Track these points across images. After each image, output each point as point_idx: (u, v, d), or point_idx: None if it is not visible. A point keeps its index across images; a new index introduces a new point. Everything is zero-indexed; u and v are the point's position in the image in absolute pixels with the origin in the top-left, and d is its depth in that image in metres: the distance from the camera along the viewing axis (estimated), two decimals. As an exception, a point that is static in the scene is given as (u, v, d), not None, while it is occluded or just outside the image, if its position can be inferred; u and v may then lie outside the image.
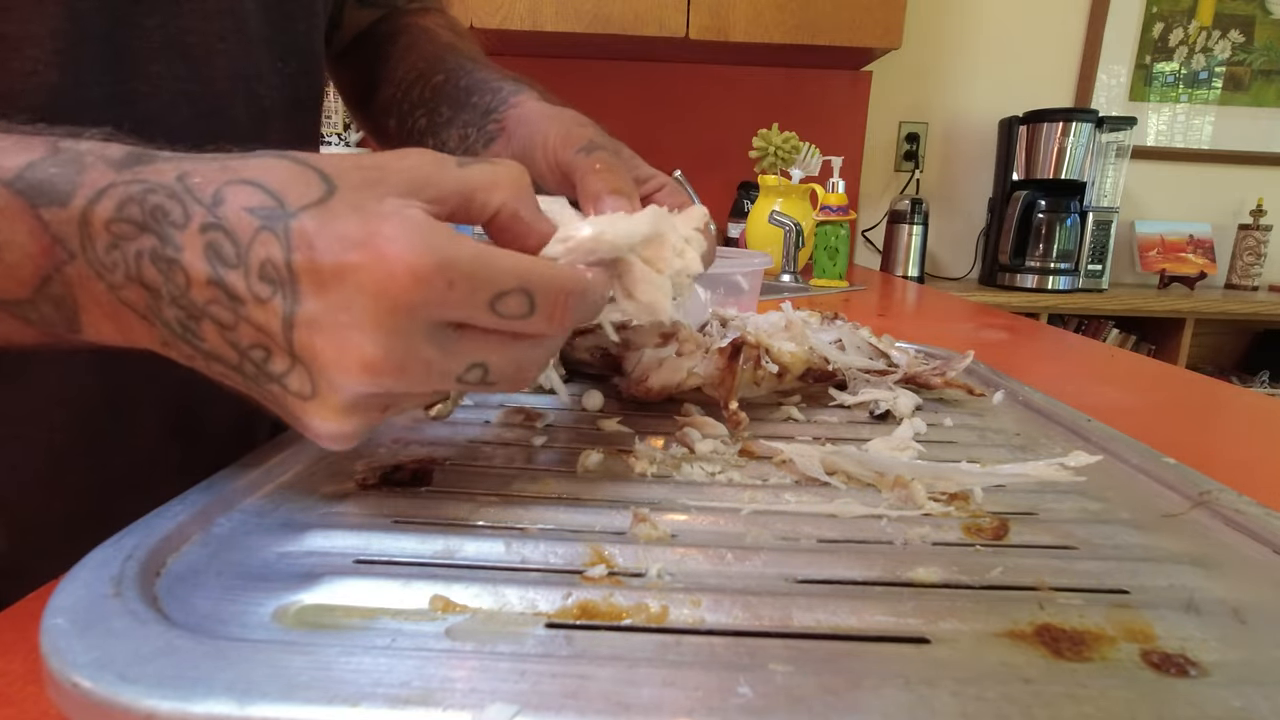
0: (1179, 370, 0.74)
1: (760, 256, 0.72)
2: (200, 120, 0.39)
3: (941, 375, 0.47)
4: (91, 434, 0.39)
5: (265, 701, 0.17)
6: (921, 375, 0.47)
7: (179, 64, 0.38)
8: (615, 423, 0.38)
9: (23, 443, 0.38)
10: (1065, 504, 0.30)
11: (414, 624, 0.20)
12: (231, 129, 0.41)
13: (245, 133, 0.42)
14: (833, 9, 1.66)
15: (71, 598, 0.20)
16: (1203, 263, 2.14)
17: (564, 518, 0.28)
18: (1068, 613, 0.22)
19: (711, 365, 0.39)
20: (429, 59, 0.52)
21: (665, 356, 0.41)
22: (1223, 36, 2.11)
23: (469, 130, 0.45)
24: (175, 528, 0.24)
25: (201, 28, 0.39)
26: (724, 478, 0.32)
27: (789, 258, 1.35)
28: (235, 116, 0.41)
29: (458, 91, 0.47)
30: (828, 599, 0.22)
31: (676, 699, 0.17)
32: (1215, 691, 0.18)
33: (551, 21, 1.64)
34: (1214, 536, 0.28)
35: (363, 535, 0.25)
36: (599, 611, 0.21)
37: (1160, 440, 0.37)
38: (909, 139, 2.17)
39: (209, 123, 0.39)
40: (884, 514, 0.28)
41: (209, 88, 0.40)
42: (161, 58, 0.37)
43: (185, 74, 0.38)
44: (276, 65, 0.44)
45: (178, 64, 0.38)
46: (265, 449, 0.32)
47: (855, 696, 0.18)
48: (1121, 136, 1.90)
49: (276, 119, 0.45)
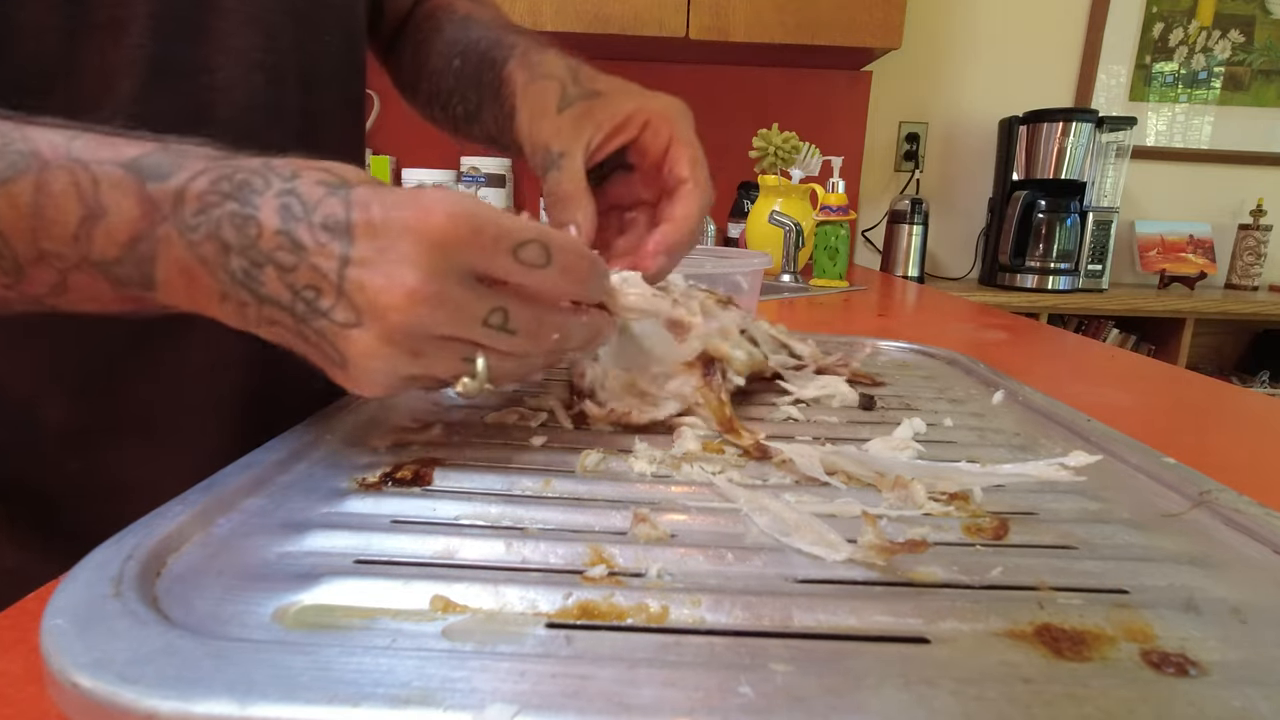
0: (1179, 370, 0.74)
1: (760, 256, 0.72)
2: (268, 87, 0.44)
3: (845, 365, 0.49)
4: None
5: (266, 702, 0.17)
6: (829, 367, 0.48)
7: (256, 37, 0.43)
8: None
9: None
10: (1065, 504, 0.30)
11: (414, 624, 0.20)
12: (290, 94, 0.45)
13: (298, 98, 0.46)
14: (833, 9, 1.66)
15: (71, 598, 0.20)
16: (1203, 263, 2.14)
17: (564, 518, 0.28)
18: (1068, 612, 0.22)
19: (686, 386, 0.38)
20: (449, 42, 0.53)
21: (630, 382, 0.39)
22: (1223, 36, 2.11)
23: (495, 112, 0.47)
24: (175, 528, 0.24)
25: (273, 5, 0.44)
26: (724, 478, 0.32)
27: (789, 258, 1.35)
28: (292, 83, 0.45)
29: (473, 72, 0.49)
30: (828, 599, 0.22)
31: (677, 699, 0.17)
32: (1215, 691, 0.18)
33: (551, 21, 1.64)
34: (1214, 536, 0.28)
35: (363, 535, 0.25)
36: (599, 611, 0.21)
37: (1160, 440, 0.37)
38: (909, 139, 2.17)
39: (274, 89, 0.44)
40: (884, 514, 0.28)
41: (275, 57, 0.44)
42: (240, 32, 0.42)
43: (260, 45, 0.43)
44: (323, 38, 0.48)
45: (255, 37, 0.43)
46: (266, 448, 0.32)
47: (856, 696, 0.18)
48: (1121, 136, 1.90)
49: (321, 86, 0.48)
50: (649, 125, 0.41)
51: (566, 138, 0.40)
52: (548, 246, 0.28)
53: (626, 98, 0.41)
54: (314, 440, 0.34)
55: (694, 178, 0.41)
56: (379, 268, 0.26)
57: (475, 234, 0.26)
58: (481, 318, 0.28)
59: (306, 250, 0.26)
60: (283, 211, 0.27)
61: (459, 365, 0.29)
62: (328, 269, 0.26)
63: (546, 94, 0.41)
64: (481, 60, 0.48)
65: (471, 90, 0.50)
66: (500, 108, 0.45)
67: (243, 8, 0.42)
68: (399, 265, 0.26)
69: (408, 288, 0.26)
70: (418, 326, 0.27)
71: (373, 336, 0.27)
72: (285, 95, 0.45)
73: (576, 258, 0.29)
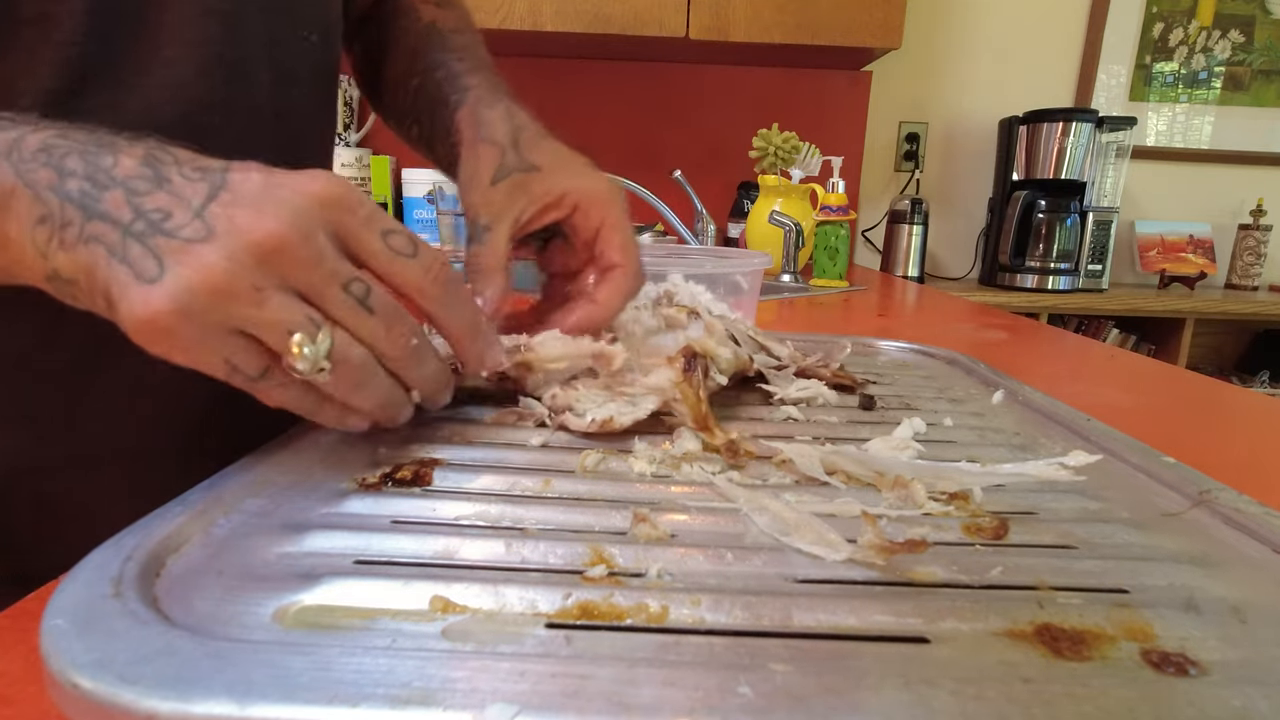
0: (1179, 370, 0.74)
1: (760, 256, 0.72)
2: (230, 84, 0.41)
3: (826, 367, 0.48)
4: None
5: (265, 702, 0.17)
6: (810, 369, 0.48)
7: (214, 29, 0.40)
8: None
9: None
10: (1065, 503, 0.30)
11: (414, 624, 0.20)
12: (257, 92, 0.43)
13: (268, 96, 0.44)
14: (833, 9, 1.66)
15: (71, 598, 0.20)
16: (1203, 263, 2.14)
17: (564, 518, 0.28)
18: (1068, 612, 0.22)
19: (663, 380, 0.37)
20: (410, 54, 0.53)
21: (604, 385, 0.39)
22: (1223, 36, 2.11)
23: (445, 152, 0.47)
24: (175, 528, 0.24)
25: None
26: (724, 478, 0.32)
27: (789, 258, 1.35)
28: (260, 81, 0.43)
29: (429, 101, 0.49)
30: (828, 599, 0.22)
31: (677, 699, 0.17)
32: (1215, 691, 0.18)
33: (551, 21, 1.64)
34: (1214, 536, 0.28)
35: (363, 535, 0.25)
36: (599, 611, 0.21)
37: (1160, 440, 0.37)
38: (909, 139, 2.17)
39: (238, 86, 0.42)
40: (884, 514, 0.28)
41: (240, 52, 0.42)
42: (196, 24, 0.39)
43: (219, 38, 0.40)
44: (300, 34, 0.47)
45: (213, 29, 0.40)
46: (265, 449, 0.32)
47: (855, 696, 0.18)
48: (1121, 136, 1.90)
49: (297, 85, 0.47)
50: (579, 208, 0.41)
51: (496, 209, 0.40)
52: (416, 244, 0.28)
53: (563, 176, 0.41)
54: (313, 440, 0.34)
55: (624, 263, 0.41)
56: (249, 205, 0.25)
57: (351, 202, 0.27)
58: (344, 279, 0.26)
59: (171, 183, 0.25)
60: (148, 156, 0.26)
61: (303, 322, 0.26)
62: (190, 197, 0.25)
63: (483, 161, 0.41)
64: (436, 95, 0.48)
65: (426, 120, 0.49)
66: (449, 151, 0.45)
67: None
68: (271, 205, 0.25)
69: (278, 219, 0.25)
70: (275, 259, 0.25)
71: (221, 252, 0.24)
72: (253, 93, 0.43)
73: (440, 262, 0.29)
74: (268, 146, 0.44)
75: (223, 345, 0.26)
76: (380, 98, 0.57)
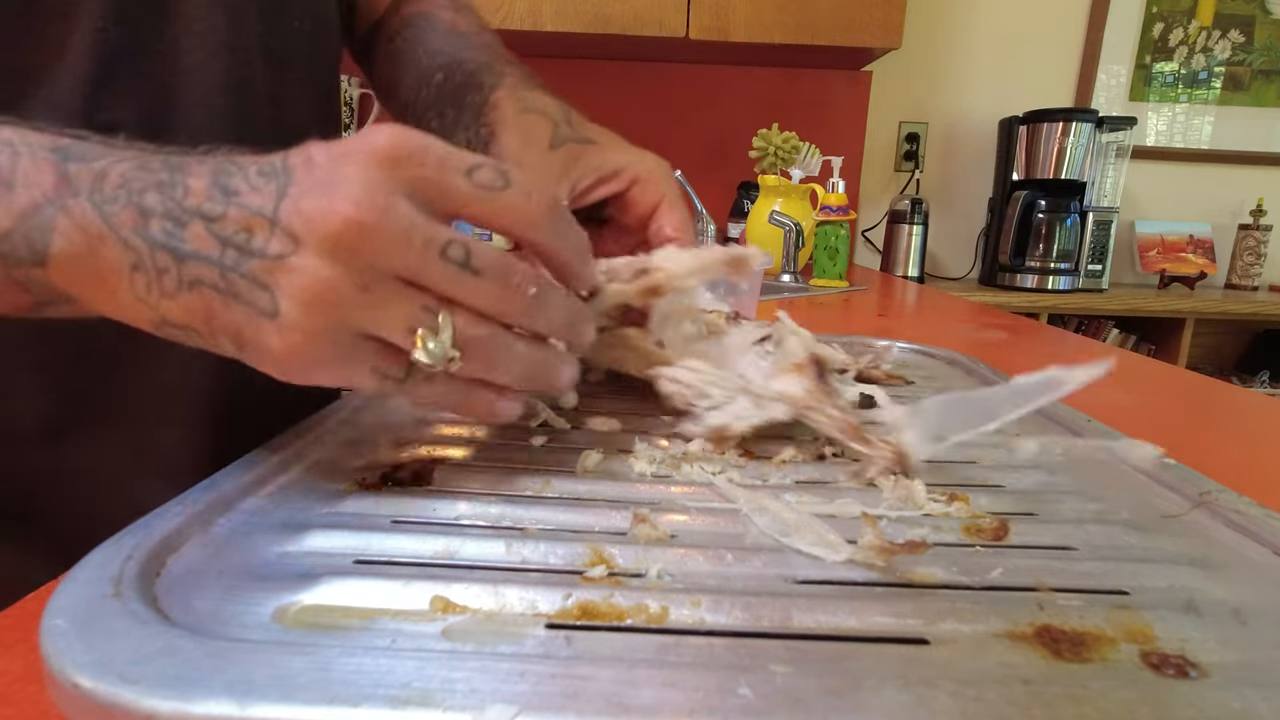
0: (1179, 370, 0.74)
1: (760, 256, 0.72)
2: (234, 69, 0.43)
3: (878, 368, 0.49)
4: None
5: (265, 702, 0.17)
6: (867, 372, 0.48)
7: (220, 19, 0.42)
8: (615, 423, 0.38)
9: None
10: (1065, 504, 0.30)
11: (414, 624, 0.20)
12: (254, 76, 0.45)
13: (264, 80, 0.46)
14: (833, 9, 1.66)
15: (71, 598, 0.20)
16: (1203, 263, 2.14)
17: (564, 518, 0.28)
18: (1067, 613, 0.22)
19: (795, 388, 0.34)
20: (431, 53, 0.53)
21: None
22: (1223, 36, 2.11)
23: (469, 133, 0.46)
24: (175, 528, 0.24)
25: None
26: (724, 478, 0.32)
27: (789, 258, 1.35)
28: (256, 65, 0.45)
29: (455, 90, 0.49)
30: (828, 600, 0.22)
31: (677, 700, 0.17)
32: (1215, 693, 0.18)
33: (551, 21, 1.64)
34: (1214, 537, 0.28)
35: (363, 535, 0.25)
36: (599, 612, 0.21)
37: (1160, 440, 0.37)
38: (909, 139, 2.17)
39: (240, 71, 0.44)
40: (884, 514, 0.28)
41: (243, 40, 0.44)
42: (205, 15, 0.42)
43: (225, 25, 0.43)
44: (293, 23, 0.48)
45: (219, 19, 0.42)
46: (265, 450, 0.32)
47: (855, 697, 0.18)
48: (1121, 136, 1.90)
49: (290, 70, 0.48)
50: (638, 181, 0.41)
51: (555, 174, 0.39)
52: (504, 172, 0.26)
53: (618, 151, 0.41)
54: (314, 440, 0.34)
55: (681, 240, 0.41)
56: (319, 193, 0.23)
57: (418, 151, 0.25)
58: (439, 246, 0.24)
59: (238, 194, 0.24)
60: (215, 173, 0.25)
61: (419, 314, 0.25)
62: (260, 206, 0.24)
63: (539, 127, 0.41)
64: (468, 80, 0.48)
65: (450, 107, 0.49)
66: (477, 131, 0.45)
67: None
68: (341, 185, 0.23)
69: (352, 200, 0.23)
70: (365, 246, 0.23)
71: (314, 258, 0.23)
72: (251, 77, 0.45)
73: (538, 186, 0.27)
74: (265, 127, 0.46)
75: (362, 355, 0.25)
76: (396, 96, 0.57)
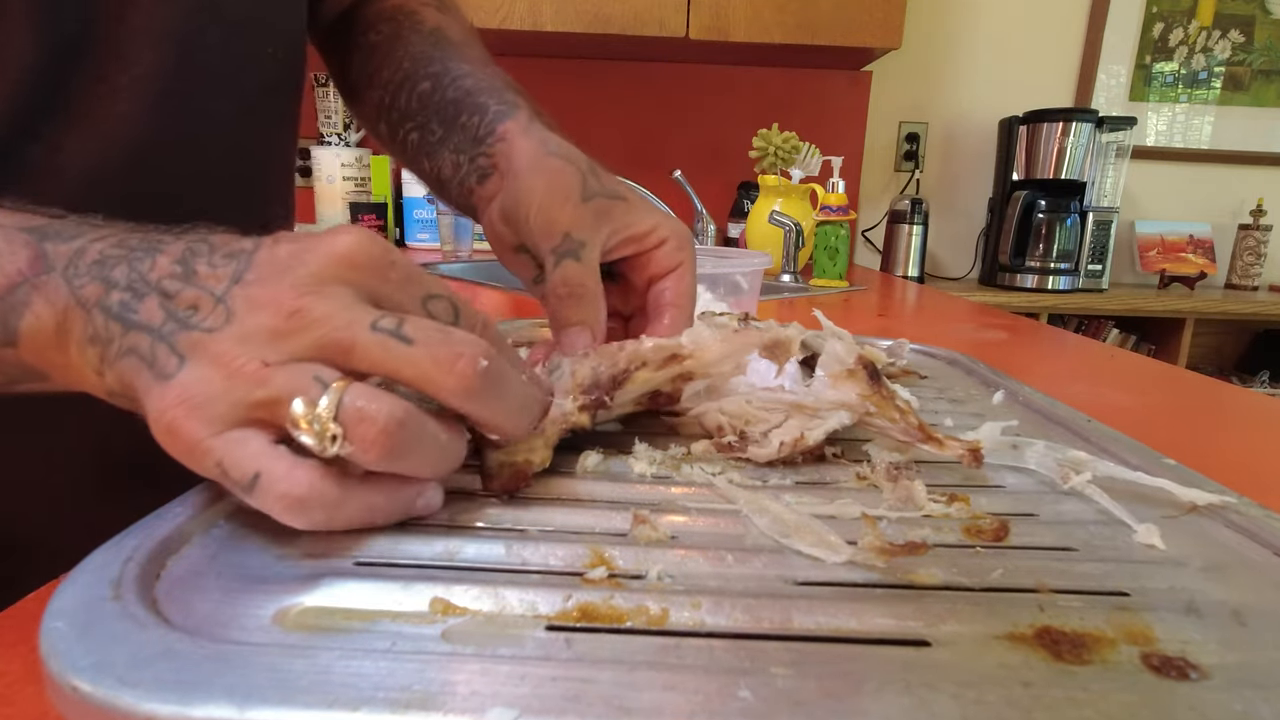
0: (1179, 370, 0.74)
1: (760, 256, 0.72)
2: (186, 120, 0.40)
3: (893, 365, 0.50)
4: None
5: (265, 705, 0.16)
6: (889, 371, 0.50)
7: (168, 59, 0.38)
8: (615, 423, 0.38)
9: None
10: (1065, 505, 0.30)
11: (414, 626, 0.20)
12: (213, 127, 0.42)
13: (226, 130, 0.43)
14: (833, 9, 1.66)
15: (71, 600, 0.20)
16: (1203, 263, 2.14)
17: (564, 519, 0.28)
18: (1068, 615, 0.22)
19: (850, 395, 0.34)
20: (415, 57, 0.49)
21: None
22: (1223, 36, 2.11)
23: (460, 158, 0.44)
24: (175, 530, 0.24)
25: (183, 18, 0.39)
26: (724, 479, 0.32)
27: (789, 258, 1.35)
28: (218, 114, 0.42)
29: (446, 105, 0.46)
30: (828, 601, 0.22)
31: (677, 702, 0.17)
32: (1216, 694, 0.18)
33: (551, 22, 1.64)
34: (1214, 538, 0.28)
35: (363, 537, 0.25)
36: (599, 614, 0.21)
37: (1160, 440, 0.37)
38: (909, 139, 2.17)
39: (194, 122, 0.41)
40: (884, 515, 0.28)
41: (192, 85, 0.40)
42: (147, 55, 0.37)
43: (170, 71, 0.39)
44: (266, 51, 0.45)
45: (167, 60, 0.38)
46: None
47: (856, 700, 0.18)
48: (1121, 136, 1.90)
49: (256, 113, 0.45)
50: (664, 244, 0.39)
51: (588, 229, 0.37)
52: (457, 307, 0.25)
53: (647, 212, 0.40)
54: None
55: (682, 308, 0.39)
56: (269, 281, 0.23)
57: (387, 267, 0.24)
58: (371, 321, 0.23)
59: (196, 275, 0.24)
60: (186, 251, 0.24)
61: (305, 383, 0.22)
62: (214, 287, 0.23)
63: (568, 176, 0.38)
64: (464, 99, 0.45)
65: (436, 123, 0.46)
66: (473, 158, 0.43)
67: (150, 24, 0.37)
68: (289, 275, 0.23)
69: (295, 290, 0.23)
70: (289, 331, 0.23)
71: (232, 336, 0.23)
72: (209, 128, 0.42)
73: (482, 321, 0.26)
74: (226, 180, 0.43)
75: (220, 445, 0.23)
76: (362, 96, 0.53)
